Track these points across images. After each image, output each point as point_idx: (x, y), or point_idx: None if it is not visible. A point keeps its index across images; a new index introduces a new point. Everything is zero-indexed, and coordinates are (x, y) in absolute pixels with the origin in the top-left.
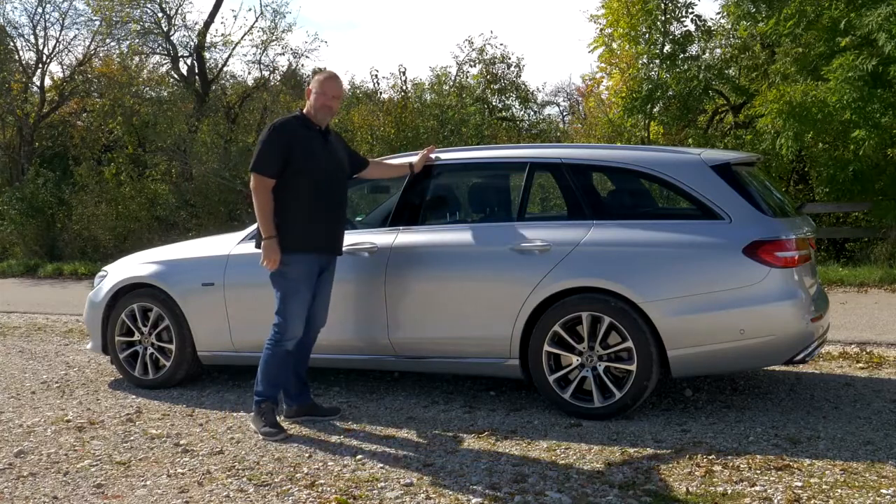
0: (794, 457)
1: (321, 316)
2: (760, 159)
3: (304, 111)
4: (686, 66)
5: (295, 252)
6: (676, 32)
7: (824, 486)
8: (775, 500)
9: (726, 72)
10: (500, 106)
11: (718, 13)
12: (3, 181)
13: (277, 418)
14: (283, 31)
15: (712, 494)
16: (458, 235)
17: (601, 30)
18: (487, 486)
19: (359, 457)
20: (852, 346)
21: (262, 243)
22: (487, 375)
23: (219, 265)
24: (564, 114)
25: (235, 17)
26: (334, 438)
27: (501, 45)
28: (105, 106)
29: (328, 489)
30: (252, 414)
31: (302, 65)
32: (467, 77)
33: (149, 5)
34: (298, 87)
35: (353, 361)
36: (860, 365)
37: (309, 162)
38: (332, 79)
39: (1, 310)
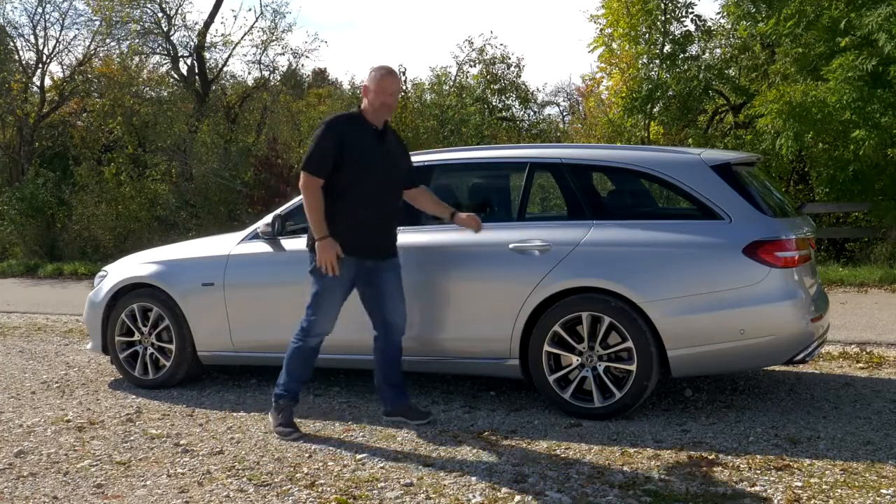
0: (794, 457)
1: (397, 319)
2: (760, 159)
3: (361, 108)
4: (686, 66)
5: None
6: (676, 32)
7: (824, 486)
8: (775, 500)
9: (726, 72)
10: (500, 106)
11: (718, 13)
12: (3, 181)
13: (293, 417)
14: (283, 32)
15: (712, 494)
16: (458, 235)
17: (601, 30)
18: (487, 486)
19: (359, 457)
20: (852, 346)
21: (317, 244)
22: (487, 375)
23: (219, 265)
24: (564, 114)
25: (235, 17)
26: (334, 438)
27: (501, 45)
28: (105, 106)
29: (328, 489)
30: (272, 409)
31: (302, 65)
32: (467, 77)
33: (149, 5)
34: (298, 87)
35: (353, 361)
36: (860, 365)
37: (358, 162)
38: (391, 75)
39: (1, 310)
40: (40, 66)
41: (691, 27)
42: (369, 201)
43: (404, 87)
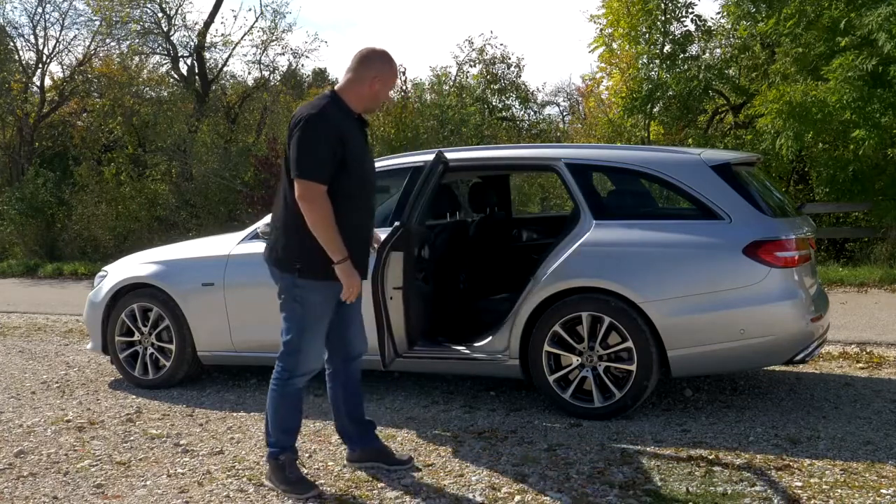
0: (794, 457)
1: (359, 343)
2: (760, 159)
3: (337, 90)
4: (686, 66)
5: (324, 279)
6: (676, 32)
7: (824, 486)
8: (775, 500)
9: (726, 72)
10: (500, 106)
11: (718, 13)
12: (3, 181)
13: (301, 470)
14: (283, 32)
15: (712, 494)
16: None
17: (601, 30)
18: (487, 486)
19: None
20: (852, 346)
21: (337, 268)
22: (487, 375)
23: (219, 265)
24: (564, 114)
25: (235, 17)
26: (334, 438)
27: (501, 45)
28: (105, 106)
29: (328, 489)
30: (268, 470)
31: (302, 65)
32: (467, 77)
33: (149, 5)
34: (298, 87)
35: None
36: (860, 365)
37: (355, 162)
38: (394, 67)
39: (1, 310)
40: (40, 66)
41: (691, 27)
42: (361, 208)
43: (404, 87)
